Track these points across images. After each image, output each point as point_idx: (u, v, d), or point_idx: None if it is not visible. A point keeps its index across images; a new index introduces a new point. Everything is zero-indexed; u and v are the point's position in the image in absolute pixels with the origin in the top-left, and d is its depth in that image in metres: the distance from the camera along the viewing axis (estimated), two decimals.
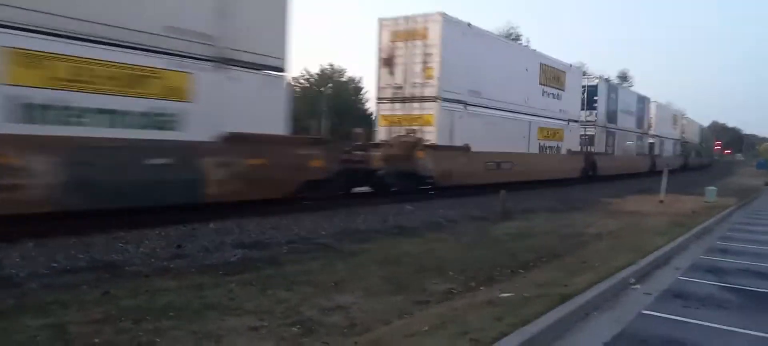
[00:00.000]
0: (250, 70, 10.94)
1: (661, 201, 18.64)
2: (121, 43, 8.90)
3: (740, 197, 22.73)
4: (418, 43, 17.62)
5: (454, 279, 6.99)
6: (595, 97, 30.04)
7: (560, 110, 25.06)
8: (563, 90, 25.25)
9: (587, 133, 29.50)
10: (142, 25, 9.15)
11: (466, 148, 18.30)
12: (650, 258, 8.66)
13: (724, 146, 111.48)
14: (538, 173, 22.80)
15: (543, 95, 23.63)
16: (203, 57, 10.08)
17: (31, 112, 8.04)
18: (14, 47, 7.80)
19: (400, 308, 5.66)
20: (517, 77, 21.76)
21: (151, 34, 9.24)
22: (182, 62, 9.76)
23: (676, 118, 51.53)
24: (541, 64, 23.67)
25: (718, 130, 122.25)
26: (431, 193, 17.28)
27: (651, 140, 41.44)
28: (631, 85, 68.26)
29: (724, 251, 10.44)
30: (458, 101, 18.30)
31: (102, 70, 8.72)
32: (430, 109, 17.57)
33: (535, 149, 23.15)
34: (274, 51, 11.42)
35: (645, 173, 36.00)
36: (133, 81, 9.12)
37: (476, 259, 8.27)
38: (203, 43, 10.01)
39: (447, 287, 6.62)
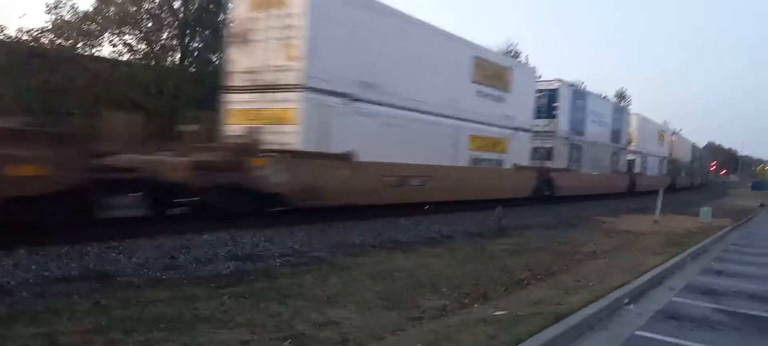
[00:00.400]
0: None
1: (656, 221, 18.66)
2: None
3: (735, 218, 22.77)
4: (278, 11, 12.78)
5: (448, 295, 6.98)
6: (555, 104, 25.27)
7: (504, 116, 20.13)
8: (508, 92, 20.26)
9: (545, 145, 24.73)
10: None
11: (346, 157, 13.27)
12: (645, 278, 8.64)
13: (720, 167, 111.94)
14: (468, 191, 18.15)
15: (478, 96, 18.60)
16: None
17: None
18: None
19: (393, 323, 5.64)
20: (439, 71, 16.80)
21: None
22: None
23: (663, 134, 46.70)
24: (474, 57, 18.55)
25: (714, 150, 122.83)
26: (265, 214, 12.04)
27: (631, 157, 37.08)
28: (629, 104, 68.48)
29: (719, 273, 10.44)
30: (339, 94, 13.26)
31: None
32: (292, 101, 12.55)
33: (464, 162, 18.30)
34: None
35: (622, 194, 32.68)
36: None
37: (470, 275, 8.26)
38: None
39: (441, 303, 6.60)
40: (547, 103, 24.96)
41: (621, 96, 78.07)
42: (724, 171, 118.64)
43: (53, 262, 7.20)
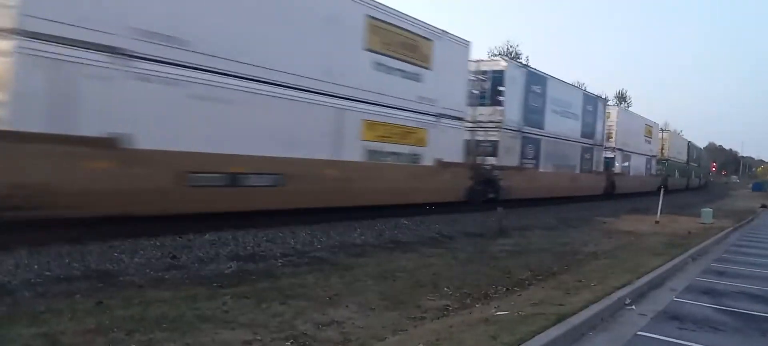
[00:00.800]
0: None
1: (657, 222, 18.67)
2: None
3: (736, 219, 22.77)
4: None
5: (449, 295, 6.98)
6: (501, 88, 20.35)
7: (420, 99, 15.47)
8: (428, 69, 15.62)
9: (489, 138, 20.34)
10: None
11: (108, 143, 8.87)
12: (646, 279, 8.64)
13: (720, 168, 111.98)
14: (361, 193, 13.75)
15: (377, 70, 13.99)
16: None
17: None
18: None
19: (395, 323, 5.64)
20: (306, 29, 12.20)
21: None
22: None
23: (651, 129, 41.20)
24: (369, 17, 13.77)
25: (714, 151, 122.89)
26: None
27: (609, 155, 32.52)
28: (629, 106, 68.00)
29: (720, 273, 10.43)
30: (97, 46, 8.73)
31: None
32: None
33: (354, 155, 13.60)
34: None
35: (599, 197, 28.73)
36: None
37: (472, 275, 8.26)
38: None
39: (442, 303, 6.60)
40: (491, 87, 20.28)
41: (621, 97, 77.92)
42: (725, 172, 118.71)
43: (55, 261, 7.20)
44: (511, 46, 58.30)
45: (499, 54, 48.05)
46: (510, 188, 20.02)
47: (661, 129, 46.43)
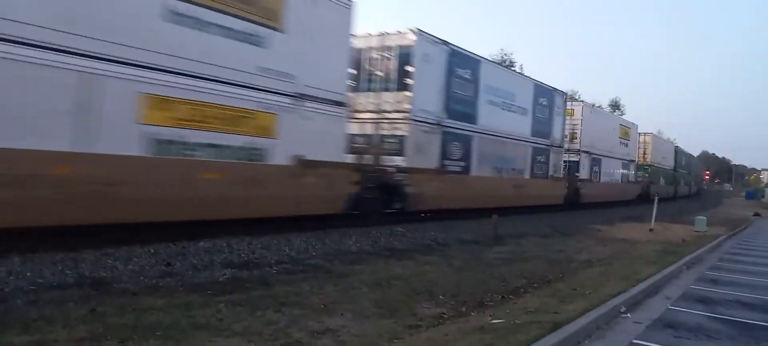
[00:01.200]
0: None
1: (651, 229, 18.74)
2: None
3: (730, 227, 22.89)
4: None
5: (444, 303, 6.97)
6: (410, 68, 15.59)
7: (263, 71, 11.18)
8: (278, 30, 11.42)
9: (396, 133, 15.78)
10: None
11: None
12: (641, 286, 8.66)
13: (714, 176, 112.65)
14: (148, 202, 9.43)
15: (177, 22, 9.69)
16: None
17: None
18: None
19: (390, 331, 5.62)
20: None
21: None
22: None
23: (628, 131, 36.81)
24: None
25: (708, 160, 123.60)
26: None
27: (573, 158, 28.20)
28: (622, 114, 67.98)
29: (714, 281, 10.46)
30: None
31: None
32: None
33: (128, 146, 9.16)
34: None
35: (558, 207, 24.54)
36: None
37: (467, 283, 8.25)
38: None
39: (438, 311, 6.59)
40: (397, 67, 15.79)
41: (615, 105, 78.33)
42: (718, 180, 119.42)
43: (48, 269, 7.14)
44: (505, 55, 58.47)
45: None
46: (422, 195, 15.53)
47: (643, 132, 42.20)
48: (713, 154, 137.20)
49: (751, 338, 6.64)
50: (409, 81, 15.63)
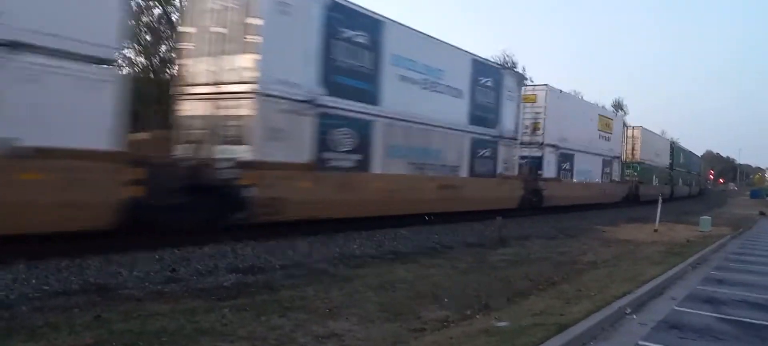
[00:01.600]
0: None
1: (656, 230, 18.68)
2: None
3: (735, 227, 22.79)
4: None
5: (449, 306, 6.95)
6: (256, 21, 11.22)
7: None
8: None
9: (238, 112, 11.37)
10: None
11: None
12: (646, 288, 8.62)
13: (718, 176, 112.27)
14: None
15: None
16: None
17: None
18: None
19: (395, 335, 5.61)
20: None
21: None
22: None
23: (610, 123, 31.79)
24: None
25: (712, 159, 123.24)
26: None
27: (535, 152, 23.72)
28: (626, 115, 67.31)
29: (720, 282, 10.41)
30: None
31: None
32: None
33: None
34: None
35: (512, 211, 19.00)
36: None
37: (472, 285, 8.23)
38: None
39: (443, 314, 6.57)
40: (238, 20, 11.47)
41: (618, 106, 77.84)
42: (722, 180, 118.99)
43: (53, 275, 7.17)
44: (507, 56, 58.04)
45: None
46: (280, 201, 11.23)
47: (631, 126, 38.37)
48: (718, 153, 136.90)
49: (758, 338, 6.61)
50: (255, 39, 11.14)
